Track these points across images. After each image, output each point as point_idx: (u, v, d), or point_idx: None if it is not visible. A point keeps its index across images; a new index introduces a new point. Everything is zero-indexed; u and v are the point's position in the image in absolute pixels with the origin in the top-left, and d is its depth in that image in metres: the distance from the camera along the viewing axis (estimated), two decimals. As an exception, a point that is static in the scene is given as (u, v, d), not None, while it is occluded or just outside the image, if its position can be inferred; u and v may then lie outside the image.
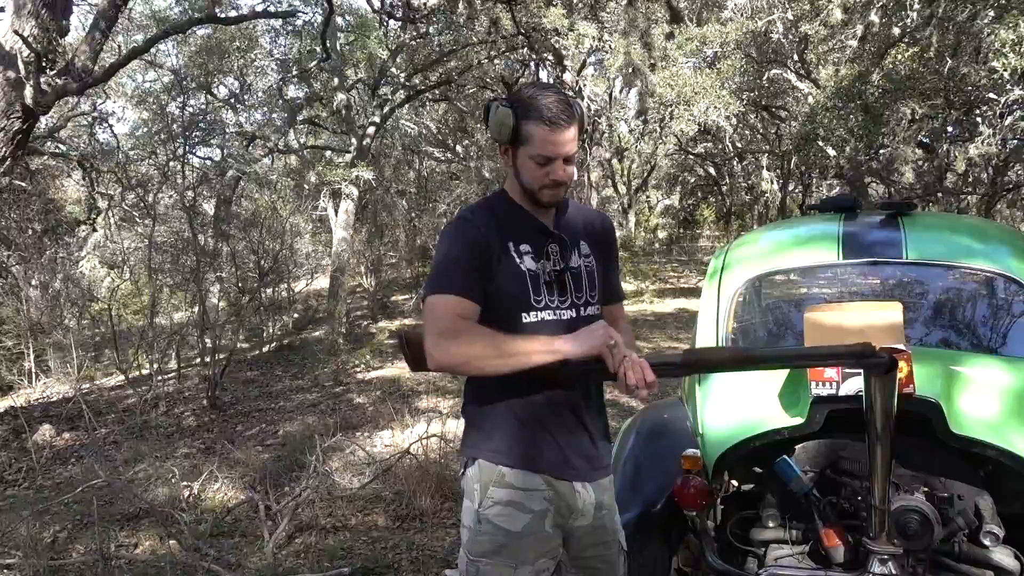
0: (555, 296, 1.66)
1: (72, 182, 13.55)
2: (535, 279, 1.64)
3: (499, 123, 1.60)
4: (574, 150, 1.62)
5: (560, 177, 1.60)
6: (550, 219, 1.71)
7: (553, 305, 1.66)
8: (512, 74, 14.39)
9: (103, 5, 5.26)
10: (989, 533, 1.87)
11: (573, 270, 1.71)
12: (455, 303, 1.55)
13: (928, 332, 2.48)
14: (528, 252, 1.65)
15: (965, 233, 2.78)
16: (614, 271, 1.88)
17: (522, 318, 1.62)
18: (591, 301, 1.72)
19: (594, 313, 1.72)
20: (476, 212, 1.69)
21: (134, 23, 12.15)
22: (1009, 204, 15.06)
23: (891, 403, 1.69)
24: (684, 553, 2.36)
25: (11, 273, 9.00)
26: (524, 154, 1.60)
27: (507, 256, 1.62)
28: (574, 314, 1.68)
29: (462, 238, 1.62)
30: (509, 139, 1.61)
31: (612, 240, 1.87)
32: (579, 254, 1.73)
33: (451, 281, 1.58)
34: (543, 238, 1.68)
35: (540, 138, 1.57)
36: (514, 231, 1.65)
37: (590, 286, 1.73)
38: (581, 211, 1.83)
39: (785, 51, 13.48)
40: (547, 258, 1.67)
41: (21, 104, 4.54)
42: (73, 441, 6.10)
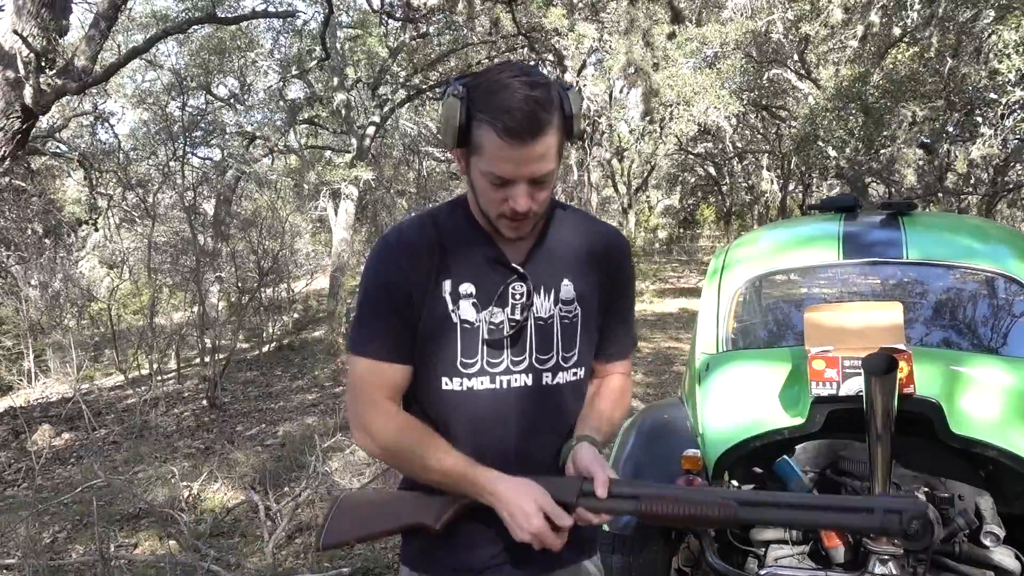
0: (504, 355, 1.22)
1: (72, 182, 13.56)
2: (469, 336, 1.20)
3: (446, 118, 1.15)
4: (547, 168, 1.12)
5: (521, 207, 1.13)
6: (522, 247, 1.24)
7: (496, 369, 1.21)
8: (512, 74, 14.35)
9: (103, 5, 5.26)
10: (989, 533, 1.87)
11: (541, 322, 1.24)
12: (372, 371, 1.20)
13: (928, 332, 2.48)
14: (469, 296, 1.20)
15: (966, 233, 2.78)
16: (621, 319, 1.36)
17: (442, 384, 1.21)
18: (563, 365, 1.25)
19: (565, 382, 1.26)
20: (408, 232, 1.24)
21: (134, 22, 12.15)
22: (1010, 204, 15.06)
23: (891, 403, 1.68)
24: (684, 553, 2.36)
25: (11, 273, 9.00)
26: (475, 166, 1.15)
27: (435, 298, 1.20)
28: (529, 381, 1.22)
29: (378, 275, 1.22)
30: (455, 143, 1.15)
31: (624, 273, 1.34)
32: (555, 300, 1.25)
33: (369, 336, 1.21)
34: (500, 276, 1.22)
35: (492, 152, 1.10)
36: (458, 262, 1.21)
37: (565, 344, 1.25)
38: (579, 230, 1.31)
39: (785, 51, 13.49)
40: (502, 304, 1.21)
41: (21, 104, 4.54)
42: (72, 441, 6.10)
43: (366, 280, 1.25)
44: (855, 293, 2.64)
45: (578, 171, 16.69)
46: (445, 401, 1.22)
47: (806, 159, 12.53)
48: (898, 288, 2.60)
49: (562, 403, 1.27)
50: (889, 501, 1.04)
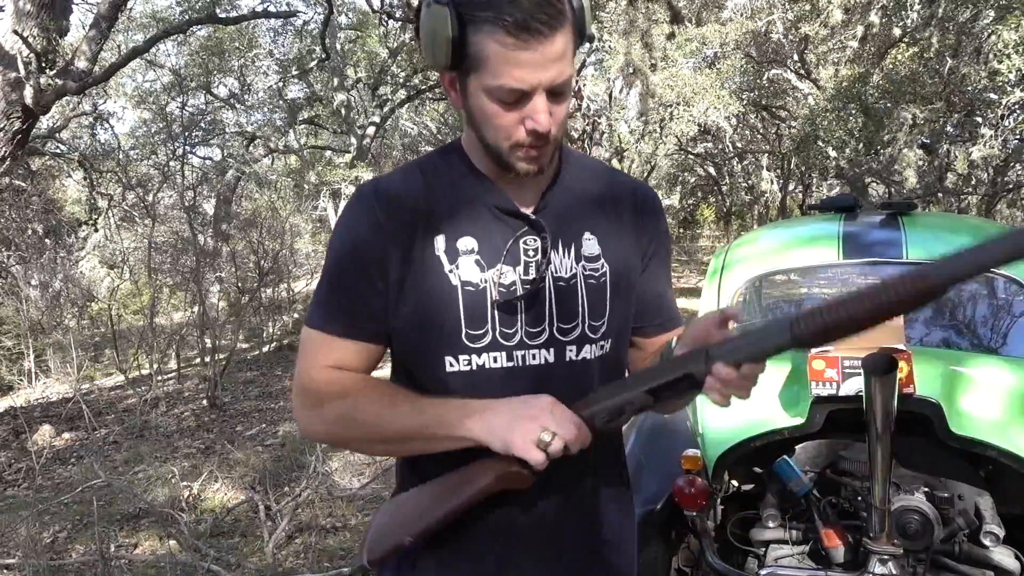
0: (519, 327, 1.00)
1: (72, 182, 13.56)
2: (475, 299, 0.98)
3: (431, 32, 0.91)
4: (567, 73, 0.91)
5: (543, 125, 0.91)
6: (531, 192, 1.03)
7: (511, 342, 0.99)
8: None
9: (103, 5, 5.26)
10: (989, 533, 1.87)
11: (561, 284, 1.02)
12: (324, 345, 1.01)
13: (928, 332, 2.48)
14: (471, 251, 0.99)
15: (966, 233, 2.78)
16: (662, 280, 1.14)
17: (446, 365, 0.99)
18: (591, 335, 1.03)
19: (594, 356, 1.04)
20: (388, 182, 1.03)
21: (134, 23, 12.15)
22: (1009, 204, 15.05)
23: (891, 403, 1.69)
24: (684, 553, 2.36)
25: (11, 273, 9.00)
26: (477, 87, 0.92)
27: (426, 259, 0.98)
28: (550, 357, 1.01)
29: (347, 233, 1.01)
30: (449, 61, 0.91)
31: (661, 231, 1.13)
32: (576, 255, 1.03)
33: (324, 306, 1.02)
34: (508, 227, 1.01)
35: (501, 59, 0.88)
36: (454, 213, 1.00)
37: (592, 310, 1.03)
38: (600, 177, 1.10)
39: (785, 51, 13.48)
40: (513, 261, 1.00)
41: (21, 104, 4.54)
42: (73, 441, 6.10)
43: (333, 240, 1.03)
44: (855, 293, 2.64)
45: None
46: (452, 389, 0.99)
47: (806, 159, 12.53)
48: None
49: (592, 385, 1.01)
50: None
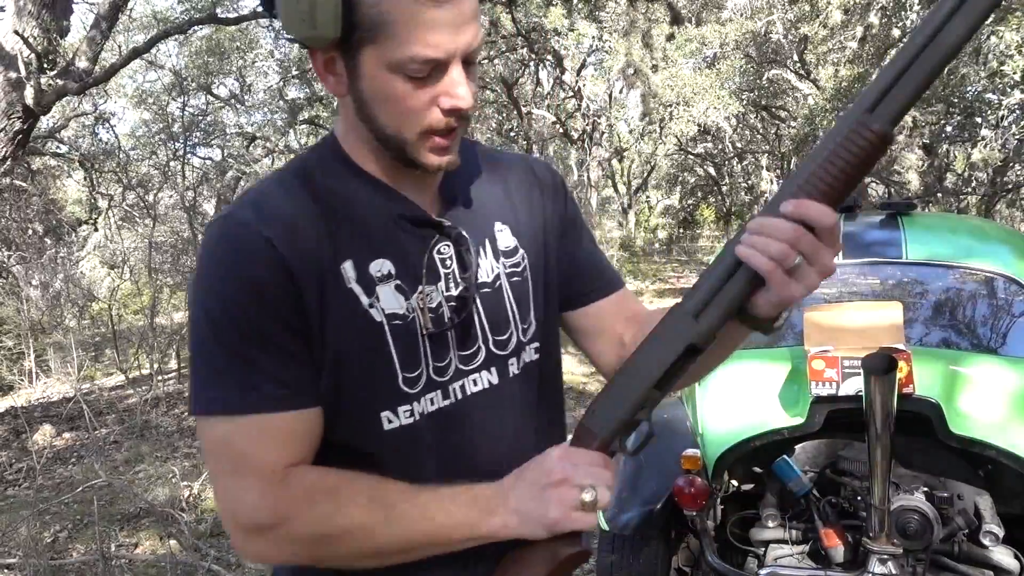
0: (451, 355, 0.84)
1: (73, 182, 13.57)
2: (405, 335, 0.80)
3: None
4: (479, 37, 0.76)
5: (465, 98, 0.75)
6: (428, 192, 0.86)
7: (445, 376, 0.83)
8: (512, 74, 14.40)
9: (103, 6, 5.26)
10: (989, 533, 1.87)
11: (486, 291, 0.87)
12: (255, 433, 0.75)
13: (928, 332, 2.48)
14: (389, 276, 0.80)
15: (965, 233, 2.79)
16: (587, 243, 1.01)
17: (383, 423, 0.80)
18: (523, 341, 0.90)
19: (531, 361, 0.91)
20: (269, 202, 0.79)
21: (135, 23, 12.16)
22: (1009, 204, 15.06)
23: (891, 403, 1.69)
24: (684, 553, 2.37)
25: (11, 273, 9.01)
26: (376, 62, 0.73)
27: (336, 294, 0.78)
28: (494, 379, 0.87)
29: (230, 280, 0.75)
30: (338, 32, 0.72)
31: (572, 204, 1.00)
32: (494, 253, 0.89)
33: (235, 381, 0.75)
34: (419, 238, 0.83)
35: (412, 22, 0.71)
36: (358, 231, 0.81)
37: (520, 312, 0.90)
38: (487, 158, 0.96)
39: (785, 51, 13.49)
40: (433, 278, 0.83)
41: (22, 104, 4.55)
42: (73, 441, 6.11)
43: (208, 295, 0.76)
44: (854, 293, 2.65)
45: (578, 171, 16.70)
46: (390, 447, 0.80)
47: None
48: (897, 288, 2.61)
49: (533, 394, 0.91)
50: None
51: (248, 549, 0.79)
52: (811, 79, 12.93)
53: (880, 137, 0.67)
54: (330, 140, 0.86)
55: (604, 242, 16.66)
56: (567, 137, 15.44)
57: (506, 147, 16.54)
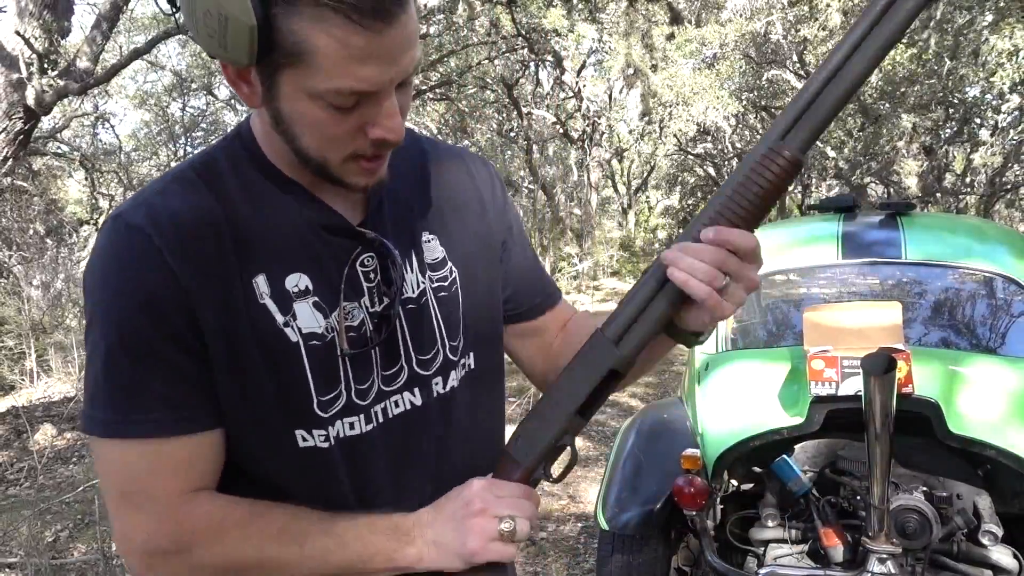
0: (372, 373, 0.78)
1: (74, 182, 13.58)
2: (322, 355, 0.75)
3: (215, 14, 0.63)
4: (415, 59, 0.68)
5: (397, 130, 0.69)
6: (352, 198, 0.79)
7: (367, 399, 0.78)
8: (512, 75, 14.40)
9: (104, 6, 5.27)
10: (988, 532, 1.88)
11: (411, 307, 0.81)
12: (151, 457, 0.70)
13: (927, 332, 2.49)
14: (306, 292, 0.75)
15: (964, 233, 2.80)
16: (532, 265, 0.96)
17: (298, 440, 0.75)
18: (452, 359, 0.84)
19: (460, 380, 0.85)
20: (167, 204, 0.71)
21: (136, 24, 12.17)
22: (1007, 205, 15.07)
23: (890, 403, 1.70)
24: (684, 553, 2.37)
25: (12, 273, 9.02)
26: (295, 88, 0.66)
27: (246, 311, 0.72)
28: (417, 400, 0.81)
29: (124, 291, 0.69)
30: (252, 59, 0.64)
31: (507, 204, 0.93)
32: (420, 266, 0.82)
33: (127, 402, 0.70)
34: (340, 250, 0.77)
35: (339, 55, 0.63)
36: (271, 242, 0.74)
37: (449, 329, 0.84)
38: (414, 153, 0.86)
39: (784, 52, 13.50)
40: (355, 293, 0.77)
41: (23, 105, 4.56)
42: (74, 440, 6.11)
43: (97, 305, 0.70)
44: (854, 293, 2.66)
45: (578, 171, 16.70)
46: (303, 466, 0.75)
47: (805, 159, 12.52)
48: (897, 288, 2.62)
49: (463, 415, 0.85)
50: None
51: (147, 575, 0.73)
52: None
53: (792, 163, 0.70)
54: (245, 134, 0.77)
55: (604, 242, 16.68)
56: (567, 137, 15.45)
57: (506, 147, 16.54)
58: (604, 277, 15.03)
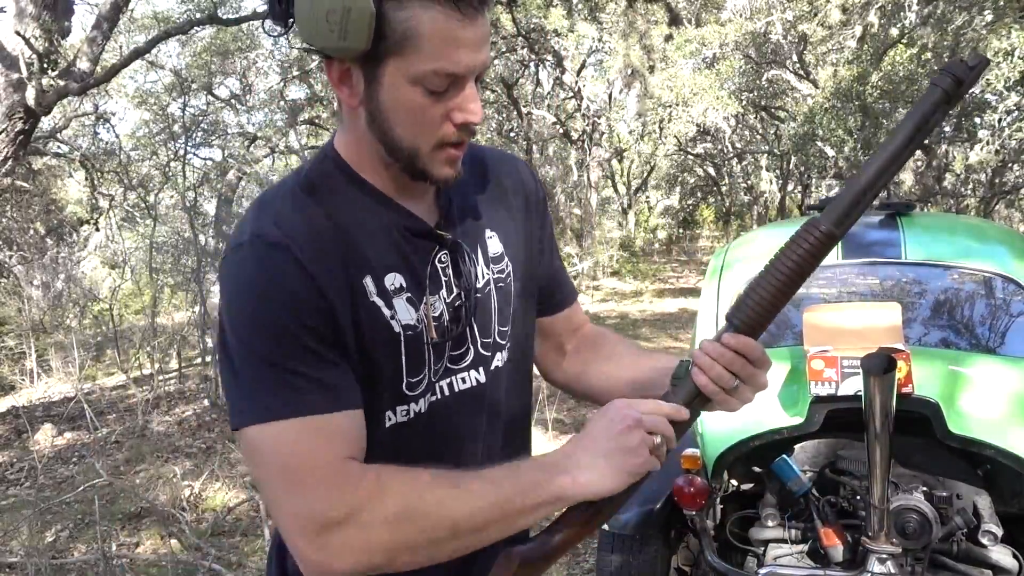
0: (443, 358, 0.89)
1: (74, 182, 13.57)
2: (415, 344, 0.85)
3: (338, 6, 0.72)
4: (489, 57, 0.80)
5: (477, 115, 0.79)
6: (426, 201, 0.89)
7: (438, 376, 0.88)
8: (512, 75, 14.41)
9: (104, 6, 5.27)
10: (988, 532, 1.88)
11: (478, 296, 0.91)
12: (312, 434, 0.76)
13: (927, 332, 2.49)
14: (401, 289, 0.84)
15: (964, 233, 2.80)
16: (556, 256, 1.08)
17: (385, 421, 0.85)
18: (500, 343, 0.94)
19: (503, 364, 0.95)
20: (291, 218, 0.81)
21: (136, 24, 12.17)
22: (1007, 205, 15.07)
23: (890, 403, 1.70)
24: (684, 552, 2.37)
25: (13, 273, 9.01)
26: (398, 75, 0.75)
27: (366, 307, 0.82)
28: (481, 377, 0.92)
29: (272, 296, 0.77)
30: (368, 44, 0.73)
31: (546, 207, 1.05)
32: (485, 260, 0.93)
33: (287, 389, 0.76)
34: (423, 249, 0.87)
35: (439, 36, 0.74)
36: (370, 246, 0.83)
37: (500, 318, 0.94)
38: (480, 166, 0.97)
39: (784, 52, 13.49)
40: (436, 287, 0.87)
41: (23, 105, 4.56)
42: (75, 440, 6.11)
43: (244, 315, 0.78)
44: (853, 293, 2.66)
45: (578, 171, 16.70)
46: (388, 442, 0.84)
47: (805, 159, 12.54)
48: (896, 288, 2.62)
49: (504, 392, 0.96)
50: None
51: (320, 556, 0.75)
52: (810, 79, 12.94)
53: (826, 235, 0.81)
54: (331, 152, 0.88)
55: (604, 242, 16.67)
56: (567, 137, 15.46)
57: (506, 147, 16.53)
58: (604, 277, 15.03)
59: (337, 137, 0.88)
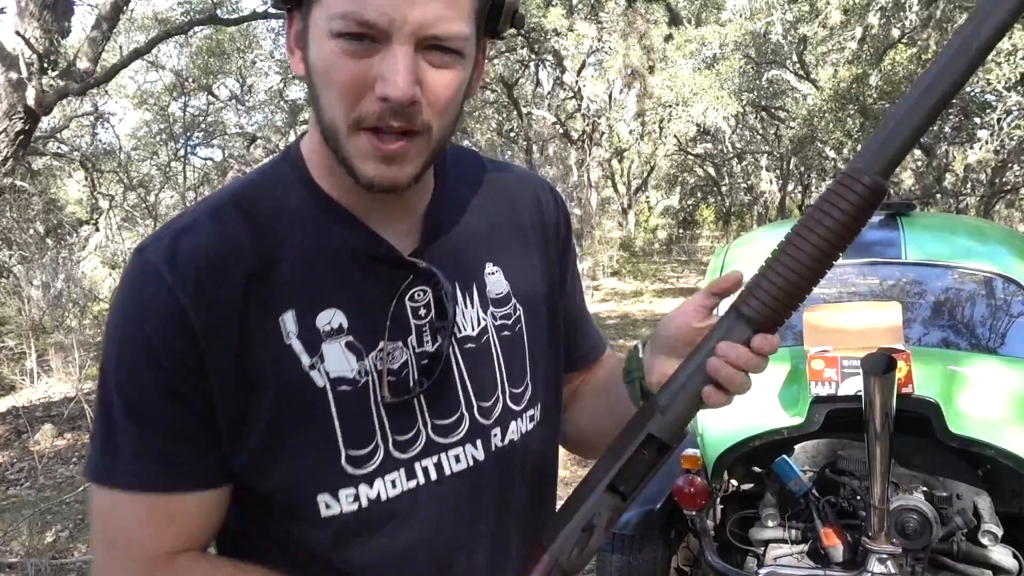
0: (421, 426, 0.69)
1: (74, 182, 13.58)
2: (354, 403, 0.67)
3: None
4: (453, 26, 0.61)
5: (397, 88, 0.59)
6: (405, 220, 0.71)
7: (410, 451, 0.68)
8: (512, 74, 14.41)
9: (104, 7, 5.27)
10: (987, 532, 1.88)
11: (469, 347, 0.72)
12: (141, 513, 0.65)
13: (927, 332, 2.49)
14: (339, 331, 0.67)
15: (964, 233, 2.80)
16: (578, 299, 0.87)
17: (320, 508, 0.66)
18: (514, 409, 0.74)
19: (525, 433, 0.75)
20: (195, 241, 0.65)
21: (135, 24, 12.17)
22: (1007, 205, 15.08)
23: (890, 403, 1.70)
24: (684, 552, 2.38)
25: (13, 273, 9.02)
26: (318, 28, 0.62)
27: (272, 353, 0.65)
28: (479, 454, 0.72)
29: (133, 332, 0.64)
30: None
31: (571, 240, 0.86)
32: (482, 300, 0.74)
33: (124, 451, 0.64)
34: (386, 283, 0.69)
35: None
36: (307, 270, 0.67)
37: (511, 372, 0.75)
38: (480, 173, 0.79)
39: (784, 52, 13.50)
40: (401, 332, 0.69)
41: (23, 105, 4.56)
42: (75, 440, 6.12)
43: (111, 347, 0.65)
44: (854, 293, 2.66)
45: (578, 171, 16.71)
46: (332, 541, 0.67)
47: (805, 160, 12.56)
48: (896, 288, 2.62)
49: (523, 471, 0.76)
50: None
51: None
52: (810, 79, 12.95)
53: (872, 189, 0.61)
54: (293, 153, 0.71)
55: (604, 242, 16.69)
56: (567, 137, 15.46)
57: (506, 147, 16.54)
58: (604, 277, 15.04)
59: (305, 136, 0.72)
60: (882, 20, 10.84)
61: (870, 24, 10.90)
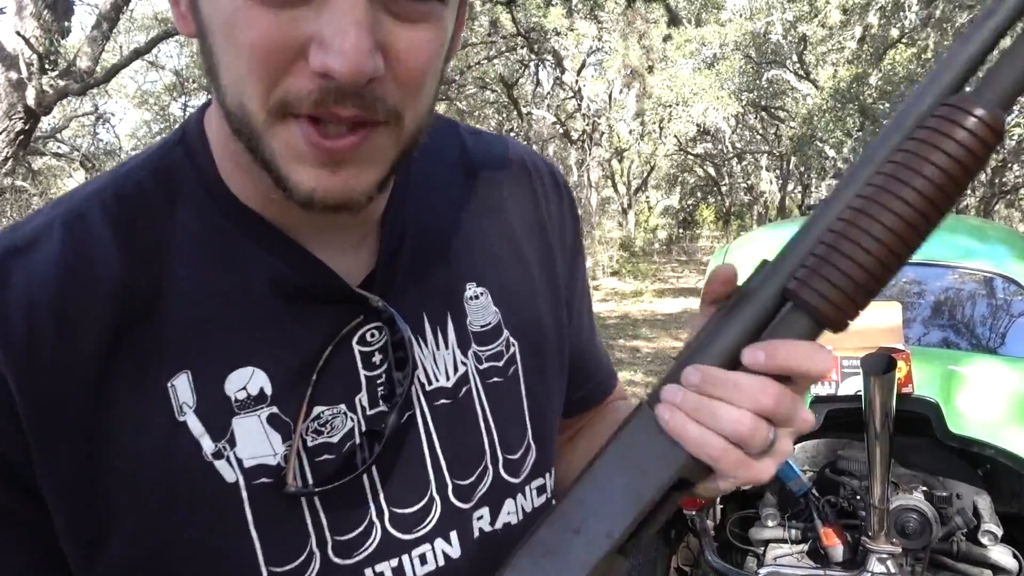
0: (370, 515, 0.49)
1: (74, 182, 13.60)
2: (275, 499, 0.46)
3: None
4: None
5: (340, 57, 0.36)
6: (354, 230, 0.50)
7: (357, 554, 0.48)
8: (512, 74, 14.42)
9: (104, 6, 5.28)
10: (987, 532, 1.88)
11: (440, 404, 0.52)
12: None
13: (927, 332, 2.49)
14: (256, 399, 0.45)
15: (964, 233, 2.80)
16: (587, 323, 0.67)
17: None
18: (510, 482, 0.55)
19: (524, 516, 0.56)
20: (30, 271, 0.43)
21: (135, 24, 12.18)
22: (1007, 205, 15.10)
23: (890, 402, 1.70)
24: (683, 552, 2.38)
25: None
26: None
27: (146, 438, 0.43)
28: (454, 551, 0.52)
29: None
30: None
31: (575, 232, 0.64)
32: (459, 339, 0.53)
33: None
34: (323, 321, 0.48)
35: None
36: (205, 322, 0.45)
37: (502, 438, 0.55)
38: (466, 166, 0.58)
39: (784, 52, 13.51)
40: (344, 392, 0.48)
41: (23, 105, 4.56)
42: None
43: None
44: (854, 293, 2.66)
45: (578, 171, 16.72)
46: None
47: (805, 159, 12.57)
48: (896, 288, 2.62)
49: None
50: None
51: None
52: (810, 79, 12.96)
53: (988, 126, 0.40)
54: (192, 139, 0.49)
55: (604, 242, 16.70)
56: (567, 137, 15.47)
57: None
58: (604, 277, 15.05)
59: (208, 112, 0.49)
60: (882, 20, 10.86)
61: (870, 24, 10.92)
